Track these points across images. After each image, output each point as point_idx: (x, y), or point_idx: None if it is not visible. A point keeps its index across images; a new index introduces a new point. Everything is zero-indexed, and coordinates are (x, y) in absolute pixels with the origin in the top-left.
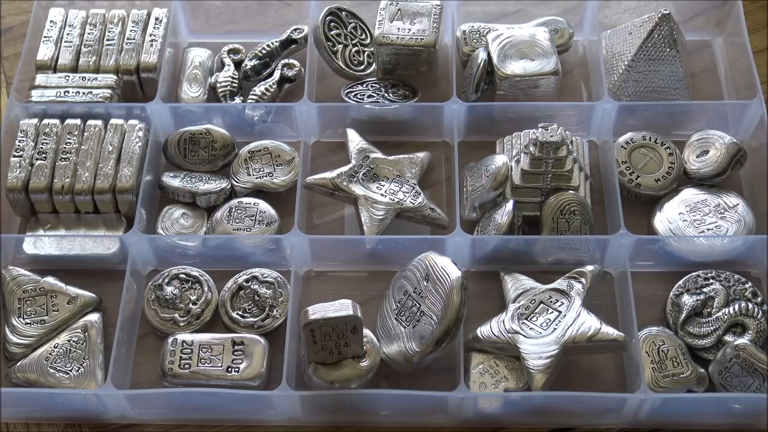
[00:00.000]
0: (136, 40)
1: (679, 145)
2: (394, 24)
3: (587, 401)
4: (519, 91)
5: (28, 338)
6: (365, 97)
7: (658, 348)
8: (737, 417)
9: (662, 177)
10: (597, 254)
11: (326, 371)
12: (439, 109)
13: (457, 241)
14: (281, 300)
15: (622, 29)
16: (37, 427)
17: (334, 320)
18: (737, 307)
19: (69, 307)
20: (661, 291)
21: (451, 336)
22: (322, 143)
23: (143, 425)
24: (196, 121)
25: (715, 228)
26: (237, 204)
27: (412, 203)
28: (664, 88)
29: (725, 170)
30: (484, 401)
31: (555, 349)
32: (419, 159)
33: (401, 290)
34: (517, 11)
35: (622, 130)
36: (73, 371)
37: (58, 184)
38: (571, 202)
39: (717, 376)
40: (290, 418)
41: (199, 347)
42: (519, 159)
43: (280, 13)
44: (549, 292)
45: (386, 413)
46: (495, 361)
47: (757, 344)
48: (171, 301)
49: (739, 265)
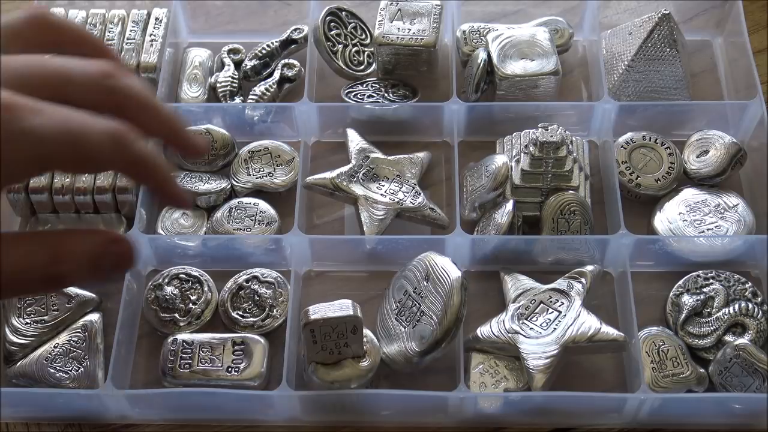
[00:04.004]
0: (136, 40)
1: (679, 145)
2: (394, 24)
3: (587, 401)
4: (519, 91)
5: (28, 338)
6: (365, 97)
7: (658, 348)
8: (737, 417)
9: (662, 177)
10: (597, 254)
11: (326, 371)
12: (439, 109)
13: (457, 241)
14: (281, 300)
15: (622, 29)
16: (37, 427)
17: (334, 320)
18: (737, 307)
19: (69, 307)
20: (661, 291)
21: (451, 336)
22: (322, 143)
23: (143, 425)
24: (196, 121)
25: (715, 228)
26: (237, 204)
27: (412, 203)
28: (664, 88)
29: (725, 170)
30: (484, 401)
31: (555, 349)
32: (419, 159)
33: (401, 290)
34: (517, 11)
35: (622, 130)
36: (73, 371)
37: (58, 183)
38: (571, 202)
39: (717, 376)
40: (290, 418)
41: (199, 347)
42: (519, 159)
43: (280, 13)
44: (549, 292)
45: (386, 413)
46: (495, 361)
47: (757, 344)
48: (171, 301)
49: (739, 265)
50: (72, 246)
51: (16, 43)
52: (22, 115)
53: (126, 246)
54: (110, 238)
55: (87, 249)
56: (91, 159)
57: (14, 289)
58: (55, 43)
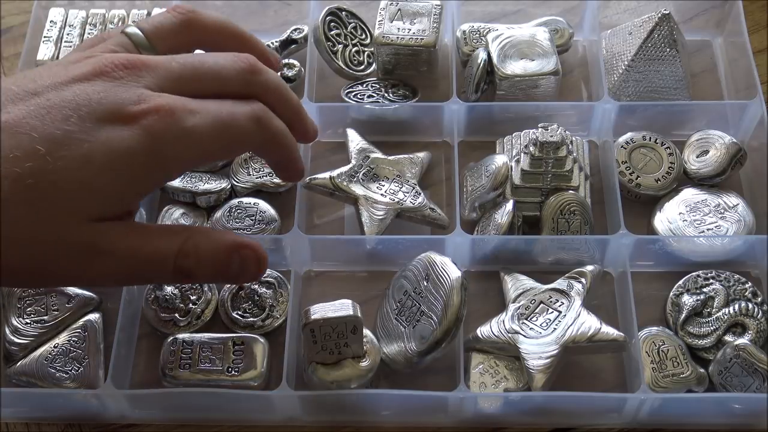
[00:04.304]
0: None
1: (679, 145)
2: (394, 24)
3: (587, 401)
4: (519, 91)
5: (28, 338)
6: (365, 97)
7: (658, 348)
8: (737, 417)
9: (662, 177)
10: (597, 254)
11: (326, 371)
12: (439, 109)
13: (457, 241)
14: (281, 300)
15: (622, 29)
16: (37, 427)
17: (334, 320)
18: (737, 307)
19: (69, 306)
20: (661, 291)
21: (451, 336)
22: (322, 143)
23: (143, 425)
24: None
25: (715, 228)
26: (237, 204)
27: (412, 203)
28: (664, 88)
29: (725, 170)
30: (484, 401)
31: (555, 349)
32: (419, 159)
33: (401, 290)
34: (517, 11)
35: (622, 130)
36: (73, 371)
37: None
38: (571, 202)
39: (717, 376)
40: (290, 418)
41: (199, 347)
42: (519, 159)
43: (280, 13)
44: (549, 292)
45: (386, 413)
46: (495, 361)
47: (757, 344)
48: (171, 301)
49: (739, 265)
50: (198, 242)
51: (165, 41)
52: (182, 117)
53: (254, 253)
54: (239, 242)
55: (211, 248)
56: (239, 142)
57: (146, 275)
58: (202, 42)
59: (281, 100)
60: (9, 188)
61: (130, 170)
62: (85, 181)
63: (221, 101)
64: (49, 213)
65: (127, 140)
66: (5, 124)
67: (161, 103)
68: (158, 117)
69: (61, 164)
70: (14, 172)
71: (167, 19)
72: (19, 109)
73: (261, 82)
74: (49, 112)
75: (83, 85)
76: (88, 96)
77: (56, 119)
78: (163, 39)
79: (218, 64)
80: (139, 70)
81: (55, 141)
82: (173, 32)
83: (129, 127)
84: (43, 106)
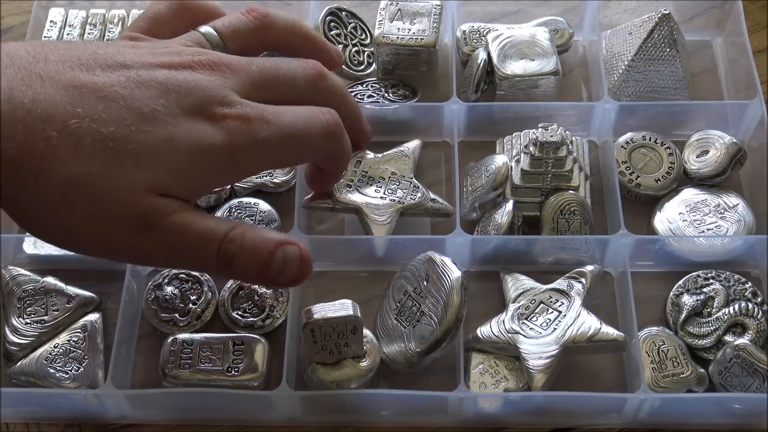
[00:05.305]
0: None
1: (679, 145)
2: (394, 24)
3: (587, 401)
4: (519, 91)
5: (28, 338)
6: (365, 97)
7: (658, 348)
8: (737, 417)
9: (662, 177)
10: (597, 254)
11: (326, 371)
12: (439, 109)
13: (457, 241)
14: (281, 300)
15: (622, 29)
16: (37, 427)
17: (334, 320)
18: (737, 307)
19: (69, 307)
20: (661, 291)
21: (451, 336)
22: None
23: (143, 425)
24: None
25: (715, 228)
26: (237, 204)
27: (412, 199)
28: (664, 88)
29: (725, 170)
30: (484, 401)
31: (555, 349)
32: (409, 150)
33: (401, 290)
34: (517, 11)
35: (622, 130)
36: (73, 371)
37: None
38: (571, 202)
39: (717, 376)
40: (290, 418)
41: (199, 347)
42: (519, 159)
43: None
44: (549, 292)
45: (386, 413)
46: (495, 361)
47: (757, 344)
48: (171, 301)
49: (739, 265)
50: (244, 231)
51: (238, 42)
52: (258, 127)
53: (298, 249)
54: (284, 239)
55: (256, 237)
56: (306, 155)
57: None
58: (273, 44)
59: (343, 104)
60: (90, 144)
61: (206, 163)
62: (162, 157)
63: (296, 112)
64: (119, 175)
65: (208, 137)
66: (95, 86)
67: (243, 112)
68: (238, 123)
69: (142, 137)
70: (99, 132)
71: (242, 22)
72: (108, 76)
73: (327, 88)
74: (138, 87)
75: (173, 72)
76: (179, 83)
77: (145, 96)
78: (237, 40)
79: (291, 70)
80: (223, 72)
81: (141, 115)
82: (248, 34)
83: (211, 125)
84: (133, 80)
